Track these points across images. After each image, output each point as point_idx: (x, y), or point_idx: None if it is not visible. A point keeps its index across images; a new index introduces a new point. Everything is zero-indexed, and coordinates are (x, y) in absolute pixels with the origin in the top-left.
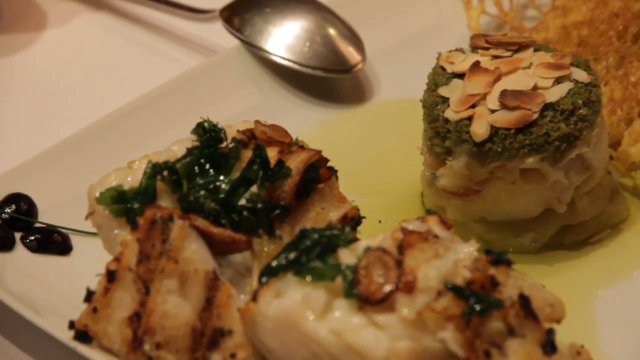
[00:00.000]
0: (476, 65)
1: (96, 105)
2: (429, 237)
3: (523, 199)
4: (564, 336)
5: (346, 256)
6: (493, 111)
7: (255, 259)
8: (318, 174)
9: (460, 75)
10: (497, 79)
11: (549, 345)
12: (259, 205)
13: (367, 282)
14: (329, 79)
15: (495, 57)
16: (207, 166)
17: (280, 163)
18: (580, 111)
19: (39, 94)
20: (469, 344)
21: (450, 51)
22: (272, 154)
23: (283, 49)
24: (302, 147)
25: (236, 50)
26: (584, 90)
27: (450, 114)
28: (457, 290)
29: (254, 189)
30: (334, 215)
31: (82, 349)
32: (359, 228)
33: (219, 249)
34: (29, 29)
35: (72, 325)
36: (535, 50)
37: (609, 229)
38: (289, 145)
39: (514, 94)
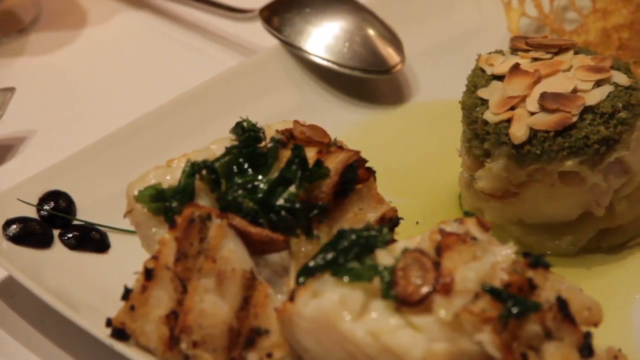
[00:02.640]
0: (516, 68)
1: (135, 103)
2: (467, 239)
3: (561, 201)
4: (601, 340)
5: (384, 257)
6: (532, 113)
7: (293, 259)
8: (356, 174)
9: (500, 77)
10: (537, 81)
11: (586, 348)
12: (297, 205)
13: (405, 284)
14: (368, 80)
15: (535, 59)
16: (246, 165)
17: (318, 163)
18: (620, 114)
19: (79, 92)
20: (506, 347)
21: (490, 53)
22: (311, 154)
23: (322, 49)
24: (341, 148)
25: (275, 50)
26: (624, 93)
27: (490, 115)
28: (494, 293)
29: (292, 189)
30: (372, 216)
31: (119, 346)
32: (397, 229)
33: (256, 248)
34: (69, 27)
35: (109, 322)
36: (576, 53)
37: None
38: (327, 145)
39: (553, 97)
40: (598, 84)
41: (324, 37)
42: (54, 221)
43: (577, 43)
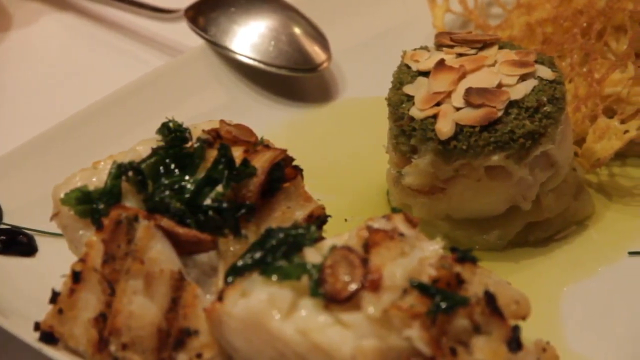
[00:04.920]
0: (441, 63)
1: (61, 105)
2: (395, 235)
3: (488, 196)
4: (529, 333)
5: (312, 255)
6: (458, 109)
7: (221, 258)
8: (283, 173)
9: (425, 74)
10: (462, 76)
11: (514, 342)
12: (225, 205)
13: (333, 281)
14: (295, 78)
15: (460, 55)
16: (173, 166)
17: (245, 162)
18: (545, 108)
19: (3, 95)
20: (434, 342)
21: (415, 49)
22: (238, 153)
23: (248, 49)
24: (268, 147)
25: (201, 49)
26: (548, 87)
27: (416, 112)
28: (422, 288)
29: (219, 188)
30: (300, 214)
31: (47, 350)
32: (325, 227)
33: (184, 249)
34: None
35: (37, 326)
36: (500, 47)
37: (574, 225)
38: (254, 144)
39: (478, 92)
40: (523, 78)
41: (250, 36)
42: None
43: (502, 38)
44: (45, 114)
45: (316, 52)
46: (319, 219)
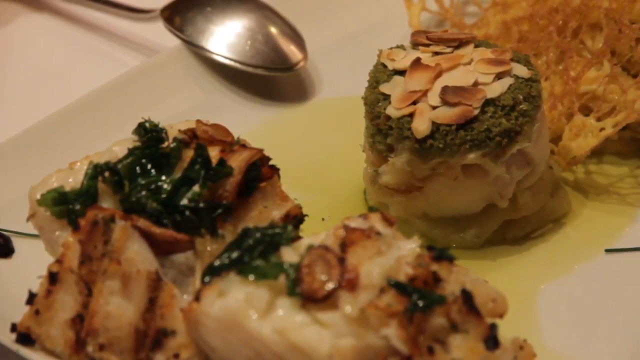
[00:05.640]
0: (417, 62)
1: (37, 106)
2: (372, 234)
3: (465, 194)
4: (507, 330)
5: (289, 254)
6: (434, 107)
7: (198, 258)
8: (260, 172)
9: (402, 72)
10: (438, 75)
11: (491, 340)
12: (201, 205)
13: (310, 280)
14: (271, 78)
15: (436, 53)
16: (149, 166)
17: (222, 162)
18: (521, 106)
19: None
20: (412, 340)
21: (391, 48)
22: (214, 153)
23: (224, 48)
24: (244, 146)
25: (177, 49)
26: (524, 85)
27: (392, 110)
28: (399, 287)
29: (196, 188)
30: (277, 213)
31: (24, 351)
32: (302, 226)
33: (161, 249)
34: None
35: (14, 328)
36: (476, 46)
37: (551, 223)
38: (230, 144)
39: (454, 90)
40: (499, 76)
41: (226, 36)
42: None
43: (478, 36)
44: (21, 115)
45: (292, 51)
46: (295, 219)
